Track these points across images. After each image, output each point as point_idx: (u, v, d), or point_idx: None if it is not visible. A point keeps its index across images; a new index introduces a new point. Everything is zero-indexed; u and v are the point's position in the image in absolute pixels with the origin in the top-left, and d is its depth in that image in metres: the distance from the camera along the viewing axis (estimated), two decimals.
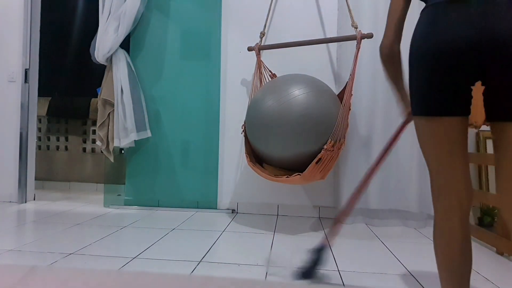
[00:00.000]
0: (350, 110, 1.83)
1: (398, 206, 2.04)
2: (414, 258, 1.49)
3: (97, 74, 2.82)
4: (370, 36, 1.85)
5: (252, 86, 2.15)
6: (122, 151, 2.68)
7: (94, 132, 3.33)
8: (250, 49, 2.23)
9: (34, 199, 2.64)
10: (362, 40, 1.85)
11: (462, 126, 0.79)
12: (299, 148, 1.70)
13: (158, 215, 2.21)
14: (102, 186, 3.24)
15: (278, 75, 2.21)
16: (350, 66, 1.87)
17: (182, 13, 2.44)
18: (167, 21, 2.46)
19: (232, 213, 2.33)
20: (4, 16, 2.58)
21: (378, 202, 2.03)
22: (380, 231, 1.92)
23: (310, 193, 2.28)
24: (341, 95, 1.93)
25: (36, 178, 2.70)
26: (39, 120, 3.36)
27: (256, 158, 2.01)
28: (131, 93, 2.30)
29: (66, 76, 3.67)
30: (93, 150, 3.33)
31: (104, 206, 2.47)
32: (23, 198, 2.52)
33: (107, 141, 2.36)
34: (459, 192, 0.80)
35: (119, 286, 1.14)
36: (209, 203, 2.39)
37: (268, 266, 1.36)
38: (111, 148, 2.36)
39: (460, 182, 0.80)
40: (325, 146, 1.65)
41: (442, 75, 0.76)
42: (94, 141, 3.32)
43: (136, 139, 2.32)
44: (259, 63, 2.17)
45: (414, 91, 0.84)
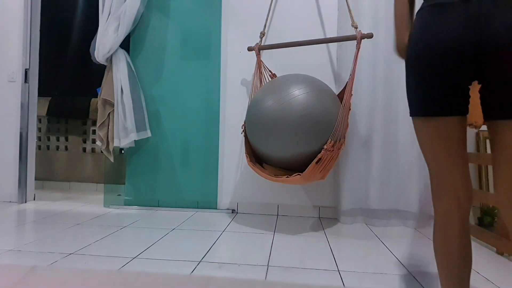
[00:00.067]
0: (350, 110, 1.83)
1: (398, 206, 2.04)
2: (414, 258, 1.49)
3: (97, 74, 2.82)
4: (370, 36, 1.85)
5: (252, 86, 2.16)
6: (122, 151, 2.68)
7: (94, 132, 3.33)
8: (250, 49, 2.23)
9: (34, 199, 2.64)
10: (362, 40, 1.86)
11: (461, 126, 0.80)
12: (299, 148, 1.70)
13: (158, 215, 2.21)
14: (102, 186, 3.24)
15: (278, 75, 2.22)
16: (350, 66, 1.87)
17: (182, 13, 2.45)
18: (167, 21, 2.46)
19: (232, 213, 2.33)
20: (4, 16, 2.58)
21: (378, 202, 2.03)
22: (380, 231, 1.92)
23: (310, 193, 2.28)
24: (341, 95, 1.93)
25: (36, 178, 2.70)
26: (39, 120, 3.36)
27: (256, 158, 2.01)
28: (131, 93, 2.30)
29: (66, 76, 3.67)
30: (93, 150, 3.33)
31: (104, 206, 2.47)
32: (23, 198, 2.53)
33: (107, 141, 2.36)
34: (459, 192, 0.80)
35: (119, 286, 1.14)
36: (209, 203, 2.39)
37: (268, 266, 1.36)
38: (111, 148, 2.36)
39: (459, 182, 0.81)
40: (325, 146, 1.65)
41: (438, 76, 0.77)
42: (94, 141, 3.32)
43: (136, 139, 2.32)
44: (259, 63, 2.18)
45: (411, 92, 0.85)
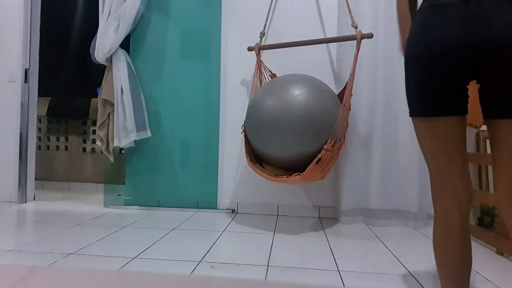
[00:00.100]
0: (350, 110, 1.83)
1: (398, 206, 2.04)
2: (414, 258, 1.49)
3: (97, 74, 2.82)
4: (370, 36, 1.85)
5: (252, 86, 2.15)
6: (122, 151, 2.68)
7: (94, 132, 3.33)
8: (250, 49, 2.23)
9: (34, 199, 2.64)
10: (362, 40, 1.86)
11: (460, 126, 0.80)
12: (299, 148, 1.70)
13: (158, 215, 2.21)
14: (102, 186, 3.24)
15: (278, 75, 2.22)
16: (350, 66, 1.87)
17: (182, 13, 2.44)
18: (167, 21, 2.46)
19: (232, 213, 2.33)
20: (4, 16, 2.58)
21: (378, 202, 2.03)
22: (380, 231, 1.92)
23: (310, 193, 2.28)
24: (341, 95, 1.93)
25: (36, 178, 2.70)
26: (39, 120, 3.36)
27: (256, 158, 2.01)
28: (131, 93, 2.30)
29: (66, 76, 3.67)
30: (93, 150, 3.33)
31: (104, 206, 2.47)
32: (23, 198, 2.53)
33: (107, 141, 2.36)
34: (458, 192, 0.80)
35: (119, 286, 1.14)
36: (209, 203, 2.39)
37: (268, 266, 1.36)
38: (111, 148, 2.36)
39: (459, 182, 0.81)
40: (325, 146, 1.65)
41: (437, 76, 0.77)
42: (94, 141, 3.32)
43: (136, 139, 2.32)
44: (259, 63, 2.17)
45: (411, 92, 0.85)
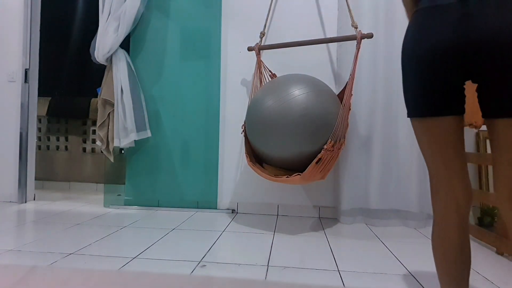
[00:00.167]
0: (350, 110, 1.83)
1: (398, 206, 2.04)
2: (414, 258, 1.49)
3: (97, 74, 2.82)
4: (370, 36, 1.85)
5: (252, 86, 2.16)
6: (122, 151, 2.68)
7: (94, 132, 3.33)
8: (250, 49, 2.23)
9: (34, 199, 2.64)
10: (362, 40, 1.86)
11: (457, 126, 0.80)
12: (299, 148, 1.70)
13: (158, 215, 2.21)
14: (102, 186, 3.24)
15: (278, 75, 2.22)
16: (350, 66, 1.87)
17: (182, 13, 2.45)
18: (167, 21, 2.46)
19: (232, 213, 2.33)
20: (4, 16, 2.58)
21: (378, 202, 2.03)
22: (380, 231, 1.92)
23: (310, 193, 2.28)
24: (341, 95, 1.93)
25: (36, 178, 2.70)
26: (39, 120, 3.36)
27: (256, 158, 2.01)
28: (131, 93, 2.30)
29: (66, 76, 3.67)
30: (93, 150, 3.33)
31: (104, 206, 2.47)
32: (23, 198, 2.53)
33: (107, 141, 2.36)
34: (457, 192, 0.81)
35: (119, 286, 1.14)
36: (209, 203, 2.39)
37: (268, 266, 1.36)
38: (111, 148, 2.36)
39: (457, 183, 0.81)
40: (325, 146, 1.65)
41: (432, 77, 0.78)
42: (94, 141, 3.32)
43: (136, 139, 2.32)
44: (259, 63, 2.17)
45: (407, 93, 0.86)
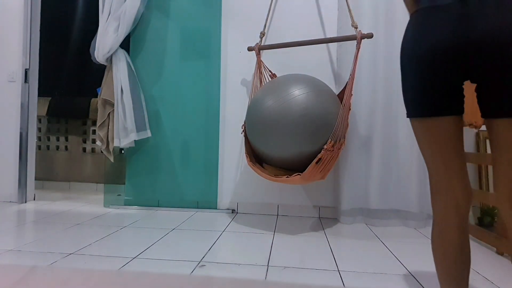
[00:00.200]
0: (350, 110, 1.83)
1: (398, 206, 2.04)
2: (414, 258, 1.49)
3: (97, 74, 2.82)
4: (370, 36, 1.85)
5: (252, 86, 2.16)
6: (122, 151, 2.68)
7: (94, 132, 3.33)
8: (250, 49, 2.23)
9: (34, 199, 2.64)
10: (362, 40, 1.86)
11: (456, 126, 0.80)
12: (299, 148, 1.70)
13: (158, 215, 2.21)
14: (102, 186, 3.24)
15: (278, 75, 2.22)
16: (350, 66, 1.87)
17: (182, 13, 2.44)
18: (167, 21, 2.46)
19: (232, 213, 2.33)
20: (4, 16, 2.58)
21: (378, 202, 2.03)
22: (380, 231, 1.92)
23: (310, 193, 2.28)
24: (341, 95, 1.93)
25: (36, 178, 2.70)
26: (39, 120, 3.36)
27: (256, 158, 2.01)
28: (131, 93, 2.30)
29: (66, 76, 3.67)
30: (93, 150, 3.33)
31: (104, 206, 2.47)
32: (23, 198, 2.53)
33: (107, 141, 2.36)
34: (456, 192, 0.81)
35: (119, 286, 1.14)
36: (209, 203, 2.39)
37: (268, 266, 1.36)
38: (111, 148, 2.36)
39: (456, 183, 0.81)
40: (325, 146, 1.65)
41: (431, 77, 0.78)
42: (94, 141, 3.32)
43: (136, 139, 2.32)
44: (259, 63, 2.17)
45: (406, 94, 0.86)
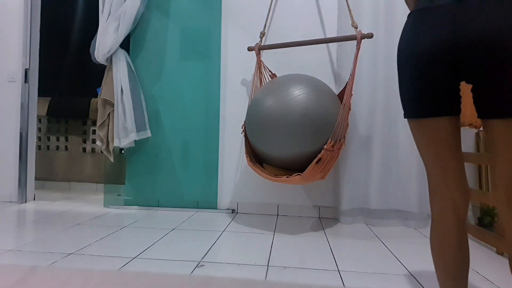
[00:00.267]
0: (350, 110, 1.83)
1: (398, 206, 2.04)
2: (414, 258, 1.49)
3: (97, 74, 2.82)
4: (370, 36, 1.85)
5: (252, 86, 2.15)
6: (122, 151, 2.68)
7: (94, 132, 3.33)
8: (250, 49, 2.23)
9: (34, 199, 2.64)
10: (362, 40, 1.86)
11: (452, 126, 0.80)
12: (299, 148, 1.70)
13: (158, 215, 2.21)
14: (102, 186, 3.24)
15: (278, 75, 2.22)
16: (350, 66, 1.87)
17: (182, 13, 2.45)
18: (167, 21, 2.46)
19: (232, 213, 2.33)
20: (4, 16, 2.58)
21: (378, 202, 2.03)
22: (380, 231, 1.92)
23: (310, 193, 2.28)
24: (341, 95, 1.93)
25: (36, 178, 2.70)
26: (39, 120, 3.36)
27: (256, 158, 2.01)
28: (131, 93, 2.30)
29: (66, 76, 3.67)
30: (93, 150, 3.33)
31: (104, 206, 2.47)
32: (23, 198, 2.53)
33: (107, 141, 2.36)
34: (453, 192, 0.81)
35: (119, 286, 1.14)
36: (209, 203, 2.39)
37: (268, 266, 1.36)
38: (111, 148, 2.36)
39: (452, 183, 0.81)
40: (325, 146, 1.65)
41: (427, 78, 0.78)
42: (94, 141, 3.32)
43: (136, 139, 2.32)
44: (259, 63, 2.17)
45: (403, 95, 0.86)
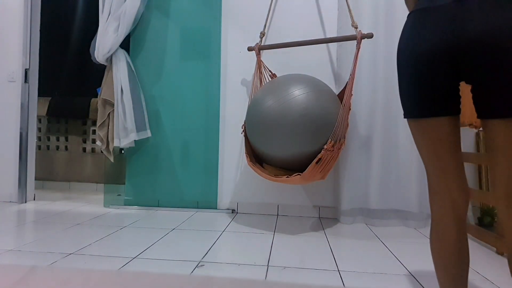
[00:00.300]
0: (350, 110, 1.83)
1: (398, 206, 2.04)
2: (414, 258, 1.49)
3: (97, 74, 2.82)
4: (370, 36, 1.85)
5: (252, 86, 2.15)
6: (122, 151, 2.68)
7: (94, 132, 3.33)
8: (250, 49, 2.23)
9: (34, 199, 2.64)
10: (362, 40, 1.86)
11: (452, 126, 0.80)
12: (299, 148, 1.70)
13: (158, 215, 2.21)
14: (102, 186, 3.25)
15: (278, 75, 2.22)
16: (350, 66, 1.87)
17: (182, 13, 2.45)
18: (167, 21, 2.46)
19: (232, 213, 2.33)
20: (4, 16, 2.58)
21: (378, 202, 2.03)
22: (380, 231, 1.92)
23: (310, 193, 2.28)
24: (341, 95, 1.93)
25: (36, 178, 2.70)
26: (39, 120, 3.36)
27: (256, 158, 2.01)
28: (131, 93, 2.30)
29: (66, 76, 3.67)
30: (93, 150, 3.33)
31: (104, 206, 2.47)
32: (23, 198, 2.53)
33: (107, 141, 2.36)
34: (452, 192, 0.81)
35: (119, 286, 1.14)
36: (209, 203, 2.39)
37: (268, 266, 1.36)
38: (111, 148, 2.36)
39: (451, 183, 0.81)
40: (325, 146, 1.65)
41: (426, 78, 0.78)
42: (94, 141, 3.32)
43: (136, 139, 2.32)
44: (259, 63, 2.17)
45: (403, 95, 0.86)
